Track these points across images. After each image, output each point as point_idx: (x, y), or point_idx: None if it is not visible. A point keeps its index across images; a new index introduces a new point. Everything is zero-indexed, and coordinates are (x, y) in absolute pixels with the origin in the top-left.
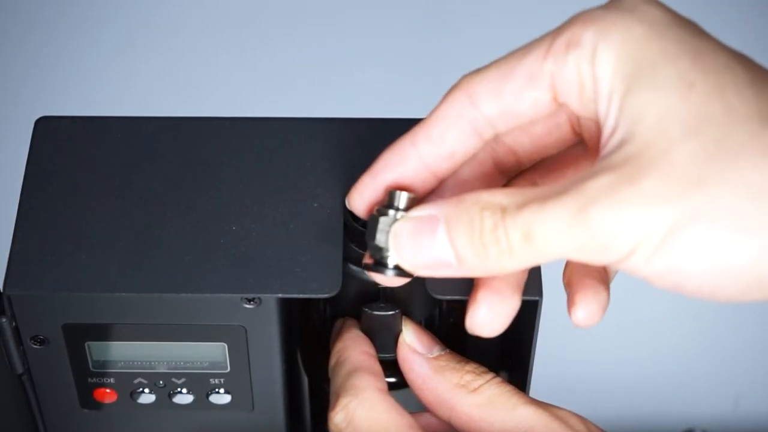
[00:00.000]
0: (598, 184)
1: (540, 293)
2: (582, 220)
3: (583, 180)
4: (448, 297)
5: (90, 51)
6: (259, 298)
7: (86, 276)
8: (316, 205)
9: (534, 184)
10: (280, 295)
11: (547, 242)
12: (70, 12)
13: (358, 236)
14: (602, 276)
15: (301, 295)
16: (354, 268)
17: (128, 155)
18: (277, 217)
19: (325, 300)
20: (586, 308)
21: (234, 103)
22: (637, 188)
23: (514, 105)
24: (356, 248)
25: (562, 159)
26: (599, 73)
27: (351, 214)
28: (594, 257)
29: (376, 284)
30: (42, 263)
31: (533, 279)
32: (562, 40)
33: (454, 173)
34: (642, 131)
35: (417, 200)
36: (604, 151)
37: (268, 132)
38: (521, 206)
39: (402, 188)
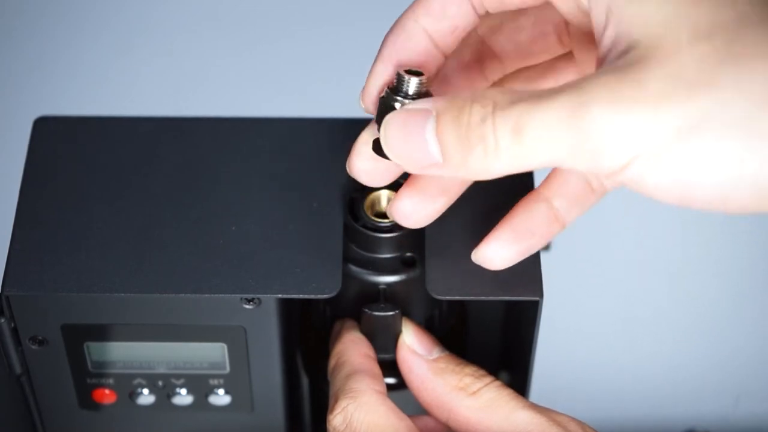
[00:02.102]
0: (599, 81)
1: (540, 293)
2: (579, 118)
3: (583, 79)
4: (448, 297)
5: (90, 51)
6: (258, 299)
7: (85, 276)
8: (316, 205)
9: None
10: (279, 296)
11: (538, 141)
12: (70, 12)
13: (358, 236)
14: (540, 228)
15: (301, 296)
16: (354, 268)
17: (127, 155)
18: (277, 217)
19: (325, 300)
20: (491, 248)
21: (234, 103)
22: (641, 87)
23: None
24: (356, 248)
25: (548, 68)
26: None
27: (351, 214)
28: (587, 164)
29: (376, 284)
30: (41, 263)
31: (533, 279)
32: None
33: (439, 70)
34: (647, 37)
35: (428, 84)
36: (605, 62)
37: (268, 132)
38: (515, 102)
39: (412, 69)
